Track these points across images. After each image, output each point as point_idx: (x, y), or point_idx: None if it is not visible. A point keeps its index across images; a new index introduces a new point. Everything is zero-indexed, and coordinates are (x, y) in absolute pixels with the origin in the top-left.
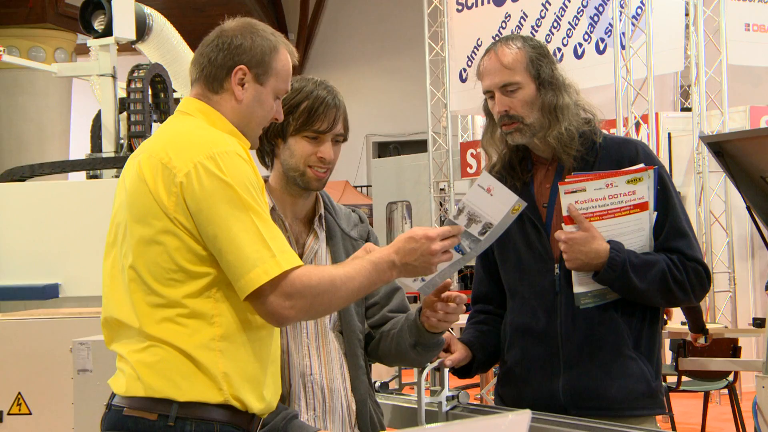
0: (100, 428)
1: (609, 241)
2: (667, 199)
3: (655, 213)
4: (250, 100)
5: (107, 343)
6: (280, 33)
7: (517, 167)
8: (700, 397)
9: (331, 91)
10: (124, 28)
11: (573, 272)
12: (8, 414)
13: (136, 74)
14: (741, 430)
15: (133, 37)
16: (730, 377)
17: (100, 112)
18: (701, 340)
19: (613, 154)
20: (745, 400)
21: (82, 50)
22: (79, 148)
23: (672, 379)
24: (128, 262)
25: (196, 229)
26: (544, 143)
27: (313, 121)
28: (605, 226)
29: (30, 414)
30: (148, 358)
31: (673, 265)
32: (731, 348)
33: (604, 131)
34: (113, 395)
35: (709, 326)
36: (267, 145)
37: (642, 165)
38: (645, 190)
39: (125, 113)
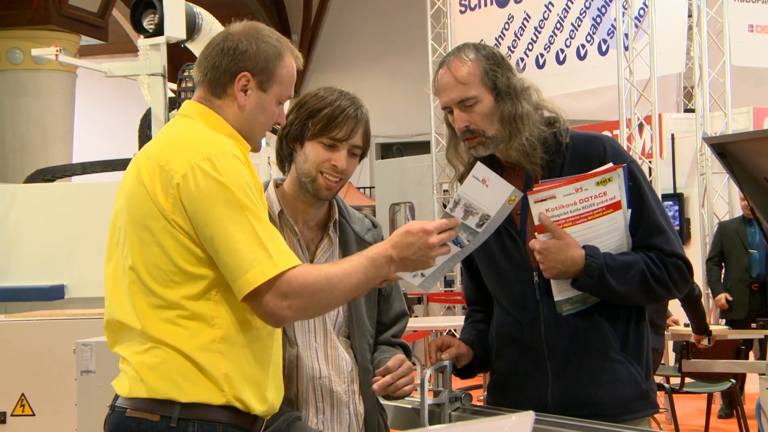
0: (103, 429)
1: (584, 247)
2: (640, 196)
3: (629, 210)
4: (253, 106)
5: (110, 345)
6: (285, 37)
7: None
8: (704, 399)
9: (355, 103)
10: (174, 27)
11: (552, 280)
12: (12, 415)
13: (186, 73)
14: (744, 430)
15: (184, 36)
16: (734, 379)
17: (148, 111)
18: (704, 342)
19: (581, 155)
20: (749, 401)
21: (85, 52)
22: (83, 150)
23: (675, 381)
24: (128, 263)
25: (194, 231)
26: (507, 155)
27: (331, 128)
28: (579, 230)
29: (33, 415)
30: (150, 359)
31: (652, 263)
32: (735, 349)
33: (572, 129)
34: (116, 397)
35: (712, 328)
36: (285, 148)
37: (610, 165)
38: (616, 190)
39: (175, 111)
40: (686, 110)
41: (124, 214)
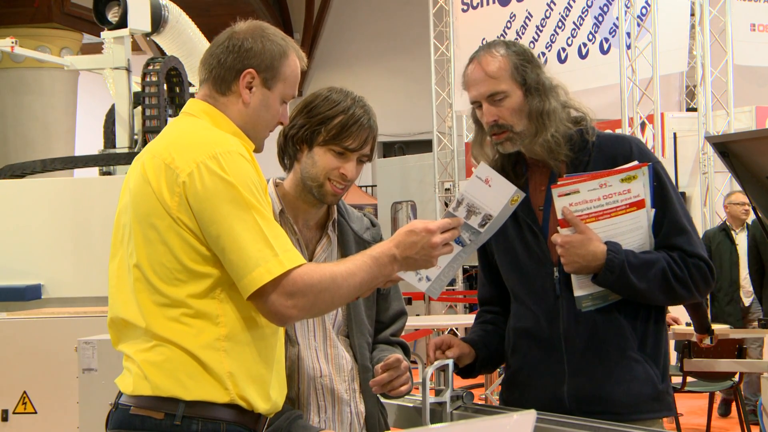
0: (105, 427)
1: (606, 242)
2: (664, 196)
3: (653, 210)
4: (257, 104)
5: (114, 344)
6: (290, 38)
7: (510, 173)
8: (706, 398)
9: (368, 111)
10: (139, 19)
11: (572, 275)
12: (14, 413)
13: (151, 68)
14: (746, 430)
15: (149, 29)
16: (735, 378)
17: (113, 106)
18: (706, 341)
19: (606, 153)
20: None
21: (88, 49)
22: (85, 147)
23: (677, 380)
24: (133, 261)
25: (199, 229)
26: (532, 151)
27: (344, 137)
28: (602, 226)
29: (35, 413)
30: (155, 357)
31: (674, 263)
32: (736, 349)
33: (598, 130)
34: (120, 394)
35: (714, 327)
36: (291, 148)
37: (636, 162)
38: (640, 188)
39: (140, 107)
40: (688, 109)
41: (128, 212)
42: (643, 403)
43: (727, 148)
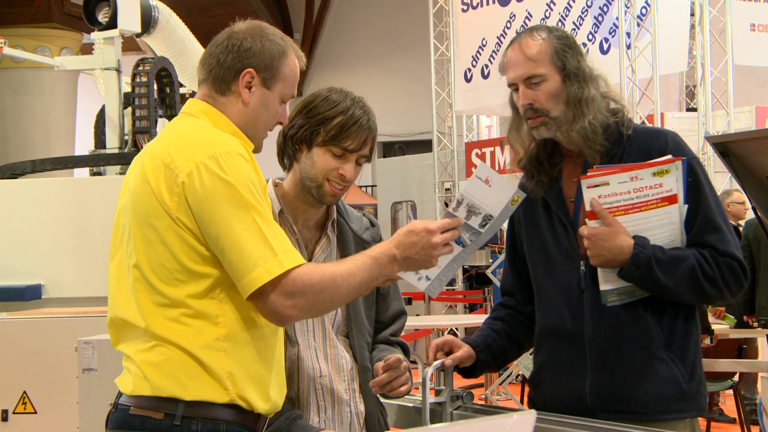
0: (105, 427)
1: (634, 237)
2: (698, 192)
3: (686, 206)
4: (257, 103)
5: (114, 344)
6: (289, 37)
7: (545, 162)
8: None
9: (368, 111)
10: (129, 20)
11: (598, 269)
12: (14, 413)
13: (141, 68)
14: (746, 430)
15: (139, 29)
16: (735, 378)
17: (104, 107)
18: (707, 341)
19: (641, 146)
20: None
21: (88, 50)
22: (85, 147)
23: None
24: (132, 261)
25: (199, 229)
26: (568, 137)
27: (343, 138)
28: (631, 220)
29: (35, 413)
30: (154, 357)
31: (704, 261)
32: (736, 348)
33: (635, 123)
34: (120, 394)
35: (714, 326)
36: (290, 148)
37: (669, 156)
38: (673, 182)
39: (130, 108)
40: (688, 109)
41: (128, 213)
42: (666, 402)
43: (727, 148)
